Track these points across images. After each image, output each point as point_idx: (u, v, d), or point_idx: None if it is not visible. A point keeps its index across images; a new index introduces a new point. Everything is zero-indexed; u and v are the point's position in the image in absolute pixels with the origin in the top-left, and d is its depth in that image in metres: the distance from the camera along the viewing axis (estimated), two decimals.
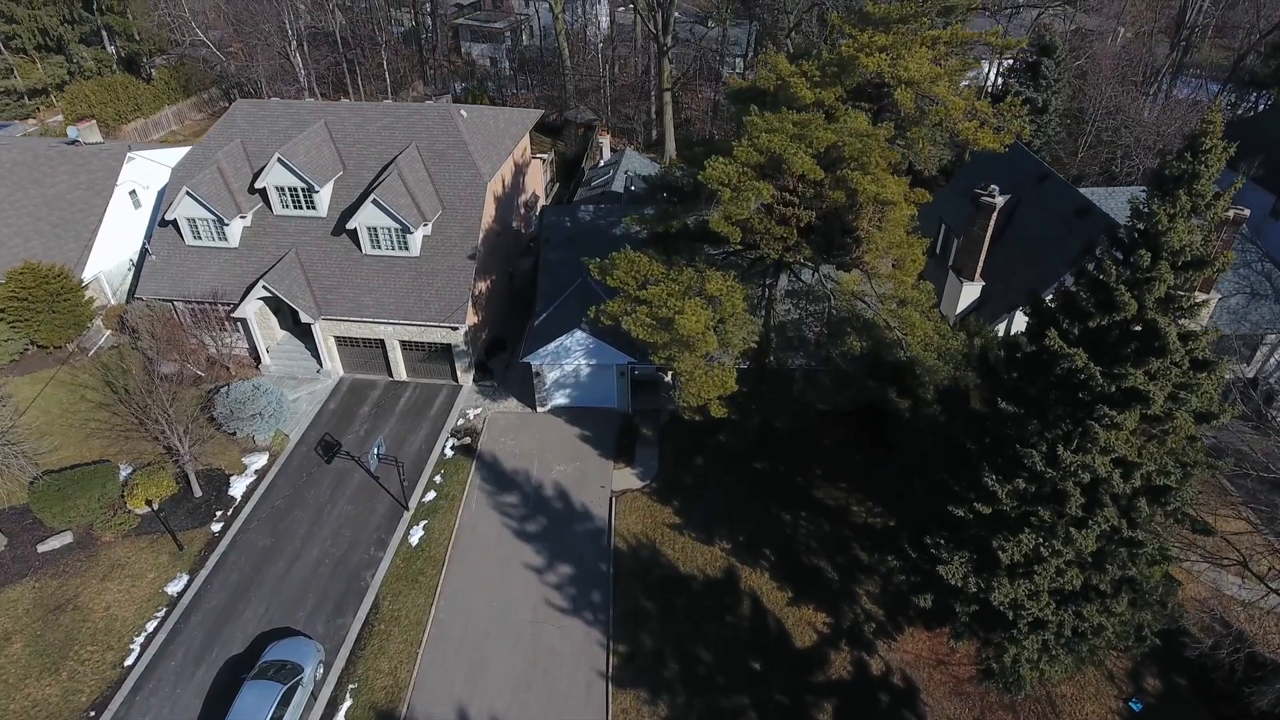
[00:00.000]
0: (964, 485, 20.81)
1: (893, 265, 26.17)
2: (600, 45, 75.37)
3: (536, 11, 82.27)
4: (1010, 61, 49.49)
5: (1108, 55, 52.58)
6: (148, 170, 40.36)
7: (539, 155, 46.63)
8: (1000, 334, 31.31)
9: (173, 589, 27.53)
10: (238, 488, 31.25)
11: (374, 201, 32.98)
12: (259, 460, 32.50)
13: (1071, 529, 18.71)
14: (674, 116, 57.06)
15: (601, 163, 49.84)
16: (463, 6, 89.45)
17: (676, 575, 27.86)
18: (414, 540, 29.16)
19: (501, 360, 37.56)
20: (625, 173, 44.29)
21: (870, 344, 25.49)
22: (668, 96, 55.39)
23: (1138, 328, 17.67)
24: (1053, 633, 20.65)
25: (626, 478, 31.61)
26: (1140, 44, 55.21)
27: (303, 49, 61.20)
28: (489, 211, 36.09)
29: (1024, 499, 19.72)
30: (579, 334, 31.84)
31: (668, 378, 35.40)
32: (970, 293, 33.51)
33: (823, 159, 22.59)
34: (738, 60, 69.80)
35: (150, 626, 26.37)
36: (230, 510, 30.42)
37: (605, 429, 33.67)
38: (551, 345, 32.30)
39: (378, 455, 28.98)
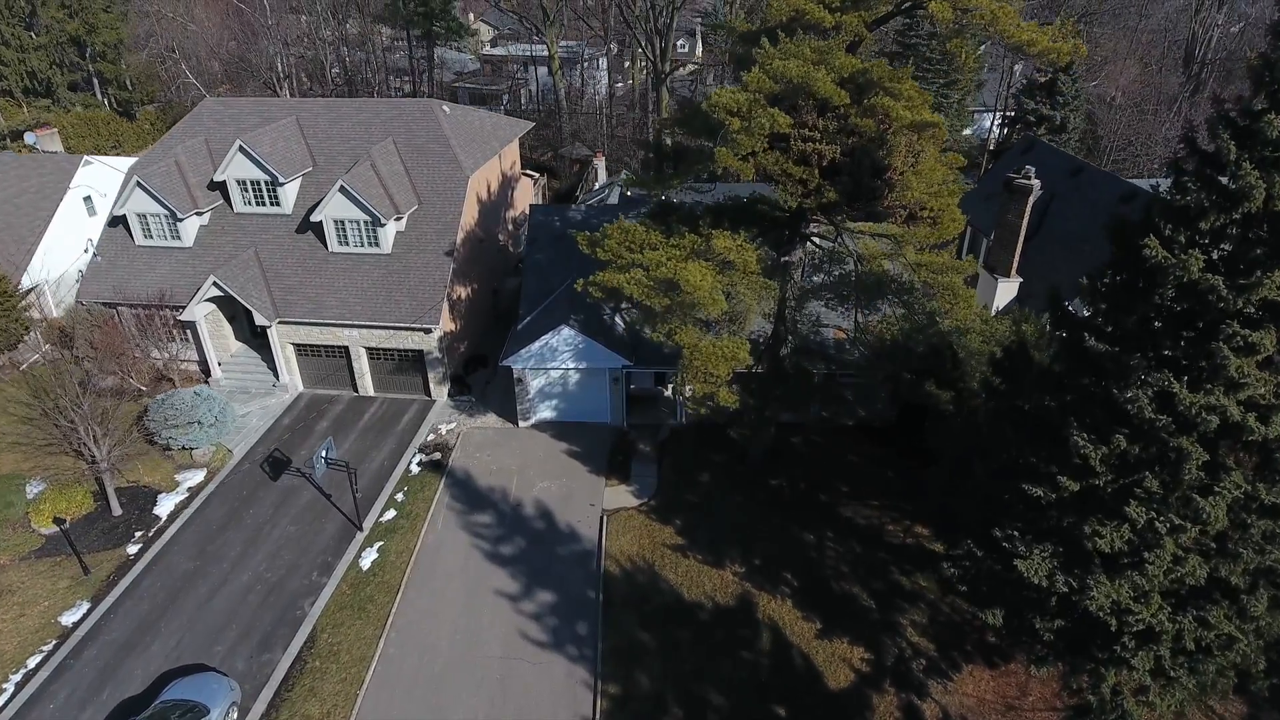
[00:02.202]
0: (1043, 456, 16.57)
1: (918, 251, 22.60)
2: (599, 102, 74.77)
3: (535, 74, 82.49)
4: (1024, 82, 47.62)
5: (1122, 78, 50.99)
6: (105, 177, 37.42)
7: (529, 173, 44.01)
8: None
9: (68, 619, 22.68)
10: (165, 506, 26.70)
11: (342, 189, 29.77)
12: (194, 477, 28.04)
13: (1195, 495, 14.40)
14: None
15: (597, 185, 47.18)
16: (463, 74, 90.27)
17: (680, 603, 23.08)
18: (365, 564, 24.45)
19: (481, 376, 33.56)
20: (622, 189, 41.50)
21: (905, 315, 21.69)
22: None
23: (1262, 229, 13.93)
24: (1168, 647, 15.95)
25: (620, 495, 27.12)
26: (1152, 73, 53.75)
27: (292, 83, 59.83)
28: (470, 210, 32.88)
29: (1123, 466, 15.46)
30: (567, 331, 28.04)
31: (667, 391, 31.42)
32: (1006, 290, 29.86)
33: (847, 84, 19.42)
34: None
35: (32, 662, 21.46)
36: (152, 530, 25.79)
37: (596, 444, 29.35)
38: (536, 345, 28.42)
39: (325, 459, 24.64)
